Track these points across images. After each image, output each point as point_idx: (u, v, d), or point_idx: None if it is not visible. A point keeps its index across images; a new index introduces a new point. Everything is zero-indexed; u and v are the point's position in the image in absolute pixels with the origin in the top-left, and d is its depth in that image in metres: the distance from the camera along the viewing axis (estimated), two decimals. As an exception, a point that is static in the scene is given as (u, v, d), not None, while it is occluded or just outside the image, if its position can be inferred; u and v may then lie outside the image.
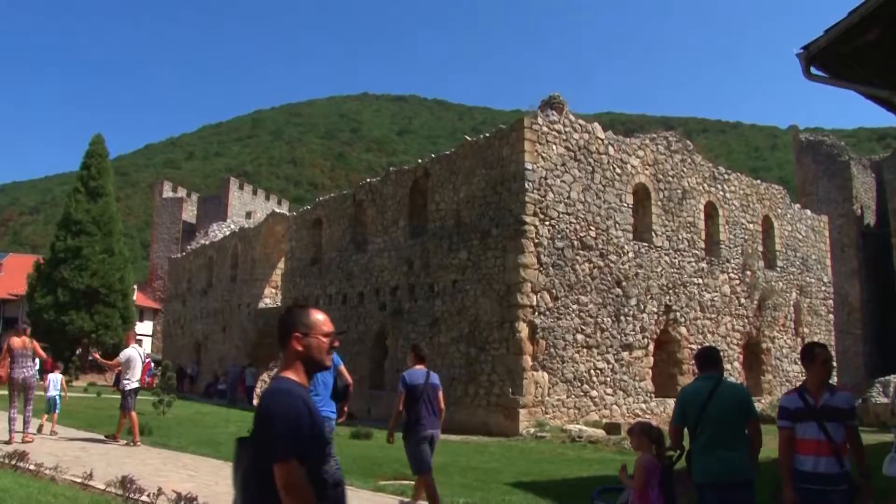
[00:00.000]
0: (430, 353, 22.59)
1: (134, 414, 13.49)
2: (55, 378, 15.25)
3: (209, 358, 40.31)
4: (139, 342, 15.32)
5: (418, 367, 8.91)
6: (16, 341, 12.78)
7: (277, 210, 40.67)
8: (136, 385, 13.69)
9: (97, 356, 18.77)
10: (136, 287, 55.60)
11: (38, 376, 13.39)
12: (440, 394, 8.87)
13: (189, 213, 75.86)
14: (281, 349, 3.13)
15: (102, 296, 44.29)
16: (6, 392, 13.32)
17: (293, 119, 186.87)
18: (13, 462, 9.74)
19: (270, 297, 35.68)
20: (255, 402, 31.89)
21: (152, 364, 14.87)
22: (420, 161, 25.77)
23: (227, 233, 44.20)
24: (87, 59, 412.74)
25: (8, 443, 12.12)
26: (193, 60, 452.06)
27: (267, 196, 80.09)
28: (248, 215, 67.33)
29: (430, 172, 24.25)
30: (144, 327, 65.04)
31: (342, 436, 17.34)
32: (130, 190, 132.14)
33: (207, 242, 44.92)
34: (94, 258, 44.00)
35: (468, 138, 23.41)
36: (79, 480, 8.81)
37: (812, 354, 5.51)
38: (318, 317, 3.16)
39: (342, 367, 8.46)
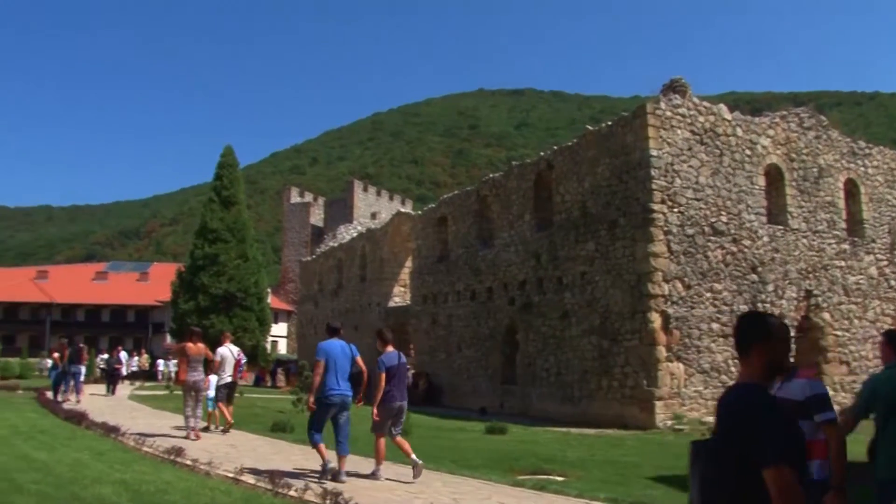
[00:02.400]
0: (560, 346, 22.54)
1: (222, 405, 14.99)
2: (214, 379, 16.07)
3: (343, 357, 41.23)
4: (233, 342, 16.40)
5: (389, 349, 10.14)
6: (192, 347, 13.61)
7: (402, 210, 41.26)
8: (228, 380, 15.11)
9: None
10: (269, 290, 57.56)
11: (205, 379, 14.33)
12: (408, 372, 10.31)
13: (316, 217, 77.89)
14: (741, 355, 3.14)
15: (239, 300, 45.96)
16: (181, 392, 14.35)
17: (412, 119, 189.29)
18: (172, 458, 10.31)
19: (399, 296, 36.25)
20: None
21: (243, 360, 15.90)
22: (542, 153, 25.61)
23: (355, 234, 45.17)
24: (216, 76, 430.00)
25: (186, 438, 13.08)
26: (313, 69, 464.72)
27: (391, 196, 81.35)
28: (374, 216, 68.58)
29: (554, 164, 24.07)
30: (279, 329, 67.24)
31: (476, 431, 17.48)
32: (259, 197, 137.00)
33: (336, 244, 46.04)
34: (229, 264, 45.72)
35: (590, 128, 23.11)
36: (231, 475, 9.20)
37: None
38: (775, 322, 3.17)
39: (358, 358, 10.11)
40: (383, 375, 9.76)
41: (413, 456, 9.69)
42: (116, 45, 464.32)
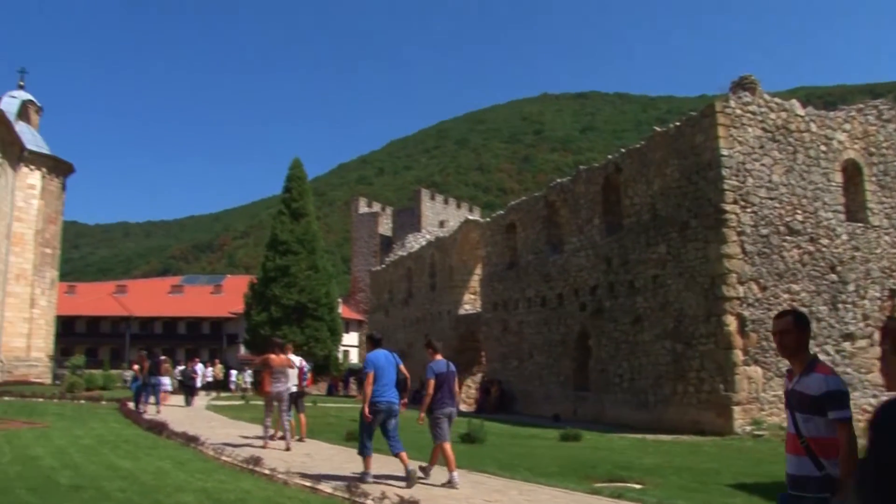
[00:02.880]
0: (633, 351, 22.26)
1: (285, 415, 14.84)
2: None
3: (413, 366, 41.43)
4: (296, 352, 16.55)
5: (438, 357, 10.65)
6: (275, 358, 13.85)
7: (470, 217, 41.35)
8: (294, 389, 14.94)
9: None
10: (340, 300, 58.17)
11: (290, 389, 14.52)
12: (456, 379, 10.67)
13: (385, 227, 78.47)
14: None
15: (311, 310, 46.56)
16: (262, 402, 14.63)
17: (476, 126, 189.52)
18: (250, 467, 10.50)
19: (470, 303, 36.29)
20: (463, 407, 32.56)
21: (306, 368, 16.22)
22: (609, 157, 25.37)
23: (423, 243, 45.41)
24: (283, 91, 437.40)
25: (263, 447, 13.23)
26: (377, 80, 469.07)
27: (458, 204, 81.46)
28: (442, 224, 68.79)
29: (622, 167, 23.82)
30: (350, 338, 67.86)
31: (550, 438, 17.36)
32: (328, 209, 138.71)
33: (405, 253, 46.36)
34: (300, 275, 46.38)
35: (658, 129, 22.81)
36: (308, 484, 9.32)
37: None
38: None
39: (401, 365, 10.55)
40: (432, 382, 10.29)
41: (432, 466, 10.28)
42: (184, 64, 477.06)
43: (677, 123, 21.76)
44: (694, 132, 20.65)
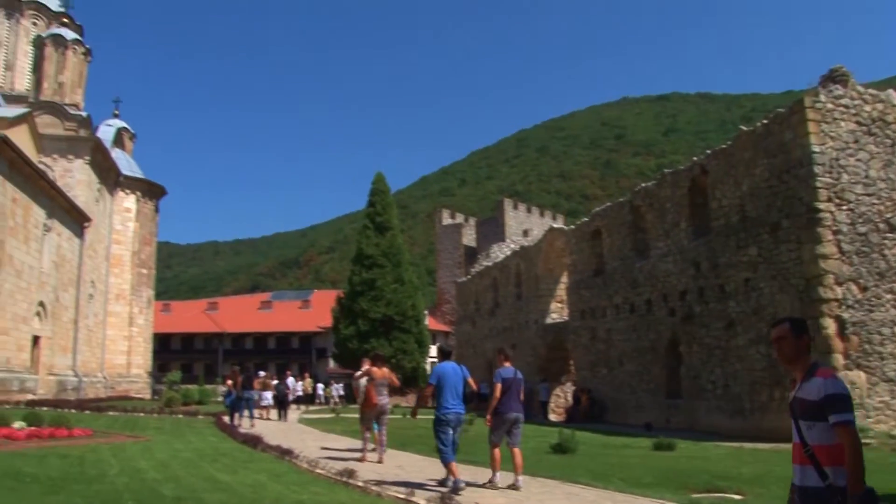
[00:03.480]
0: (726, 357, 21.66)
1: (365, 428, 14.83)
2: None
3: (502, 375, 41.32)
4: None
5: (507, 364, 11.04)
6: (377, 371, 13.98)
7: (555, 225, 41.02)
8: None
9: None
10: (426, 312, 58.49)
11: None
12: (522, 387, 11.12)
13: (468, 237, 78.59)
14: None
15: (398, 322, 47.03)
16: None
17: (556, 133, 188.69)
18: (344, 479, 10.59)
19: (557, 312, 35.98)
20: (553, 417, 32.30)
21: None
22: (695, 158, 24.83)
23: (508, 252, 45.30)
24: (363, 106, 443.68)
25: (360, 461, 13.33)
26: (455, 91, 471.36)
27: (541, 212, 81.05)
28: (526, 233, 68.58)
29: (708, 169, 23.26)
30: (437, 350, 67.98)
31: (643, 447, 17.01)
32: (411, 221, 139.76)
33: (490, 264, 46.32)
34: (387, 288, 46.92)
35: (744, 128, 22.20)
36: (402, 496, 9.32)
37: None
38: None
39: (469, 378, 10.82)
40: (499, 385, 10.71)
41: (520, 476, 10.34)
42: (267, 87, 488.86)
43: (764, 121, 21.12)
44: (782, 129, 20.02)
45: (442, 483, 10.25)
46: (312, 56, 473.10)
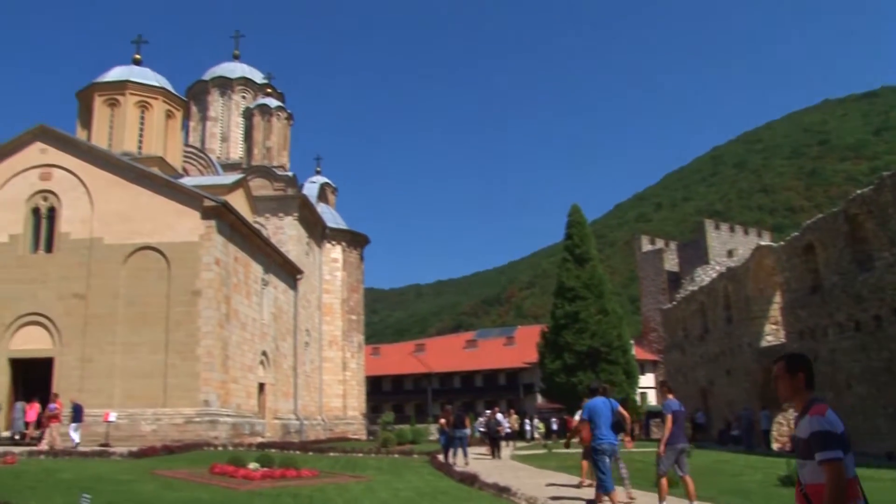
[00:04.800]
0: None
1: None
2: None
3: (716, 403, 39.57)
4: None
5: (671, 397, 11.73)
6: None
7: (762, 243, 39.05)
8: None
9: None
10: (632, 342, 57.20)
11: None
12: (685, 417, 11.97)
13: (670, 262, 76.40)
14: None
15: (604, 354, 46.27)
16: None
17: (753, 147, 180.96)
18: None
19: (772, 334, 34.02)
20: (775, 446, 30.42)
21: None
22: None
23: (713, 275, 43.58)
24: (557, 140, 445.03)
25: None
26: (643, 114, 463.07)
27: (745, 231, 77.52)
28: (730, 253, 65.78)
29: (934, 168, 21.32)
30: (646, 380, 66.40)
31: (887, 480, 15.63)
32: (609, 251, 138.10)
33: (695, 288, 44.75)
34: (590, 320, 46.36)
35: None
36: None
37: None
38: None
39: (619, 408, 11.86)
40: (670, 417, 11.37)
41: (695, 502, 11.20)
42: (457, 125, 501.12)
43: None
44: None
45: None
46: (500, 93, 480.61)
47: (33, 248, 30.46)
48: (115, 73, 41.68)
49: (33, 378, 28.95)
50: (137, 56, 43.51)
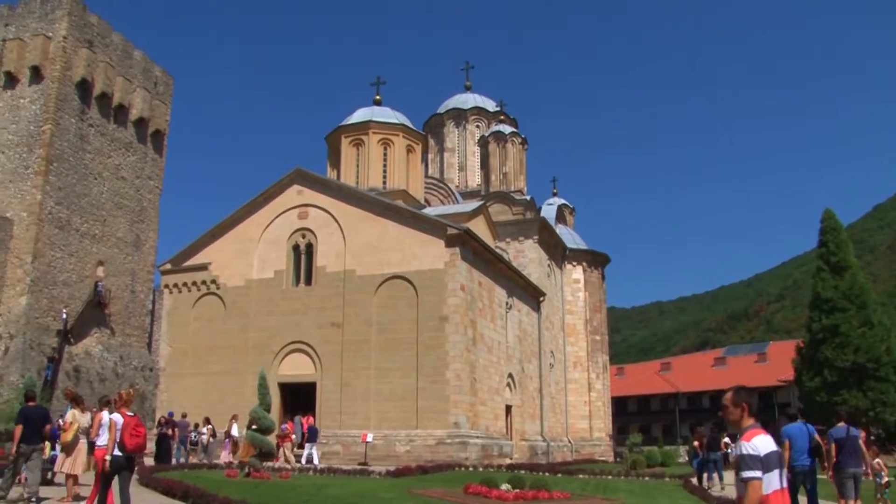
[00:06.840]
0: None
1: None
2: None
3: None
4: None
5: (840, 424, 12.23)
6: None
7: None
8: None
9: None
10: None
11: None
12: (859, 442, 12.25)
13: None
14: None
15: (871, 371, 42.60)
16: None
17: None
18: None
19: None
20: None
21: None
22: None
23: None
24: (808, 141, 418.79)
25: None
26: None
27: None
28: None
29: None
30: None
31: None
32: (869, 256, 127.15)
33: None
34: (853, 333, 42.89)
35: None
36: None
37: None
38: None
39: (815, 435, 12.46)
40: (833, 446, 12.07)
41: None
42: (698, 129, 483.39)
43: None
44: None
45: None
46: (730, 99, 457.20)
47: (295, 282, 33.41)
48: (359, 115, 44.70)
49: (302, 402, 31.61)
50: (377, 97, 46.46)
